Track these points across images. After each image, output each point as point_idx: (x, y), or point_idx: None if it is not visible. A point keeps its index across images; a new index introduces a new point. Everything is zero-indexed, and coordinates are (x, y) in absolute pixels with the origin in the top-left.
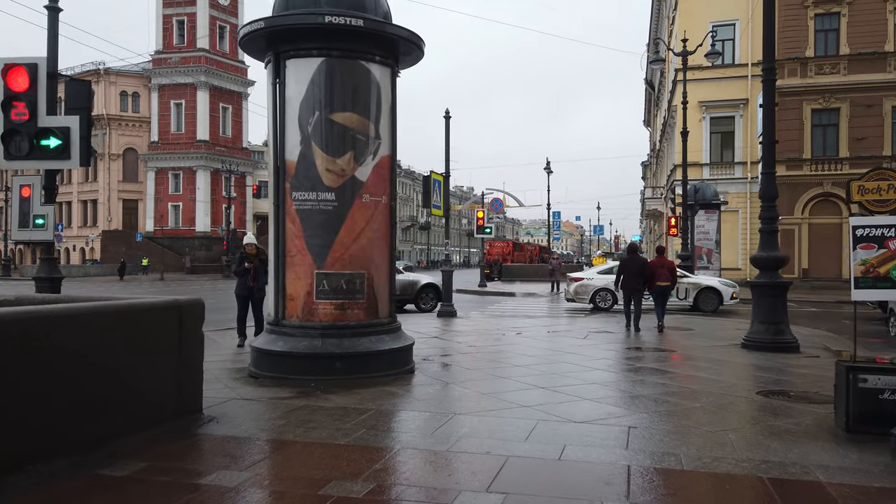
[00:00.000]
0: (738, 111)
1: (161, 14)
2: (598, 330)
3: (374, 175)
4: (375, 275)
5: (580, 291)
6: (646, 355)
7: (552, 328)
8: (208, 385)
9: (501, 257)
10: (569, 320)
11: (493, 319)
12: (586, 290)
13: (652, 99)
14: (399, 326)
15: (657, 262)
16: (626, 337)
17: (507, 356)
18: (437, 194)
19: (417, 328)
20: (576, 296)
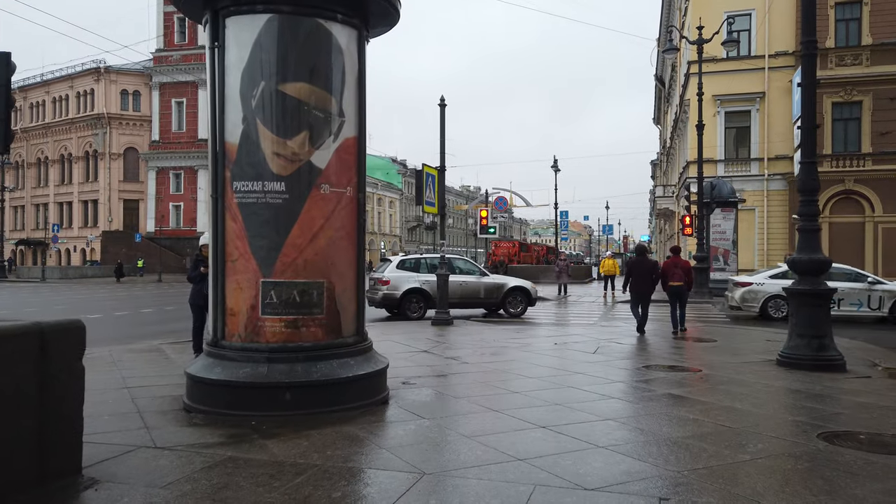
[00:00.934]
0: (753, 105)
1: (162, 12)
2: (610, 340)
3: (335, 161)
4: (338, 284)
5: (748, 298)
6: (667, 377)
7: (558, 338)
8: (122, 423)
9: (507, 258)
10: (576, 329)
11: (492, 328)
12: (755, 297)
13: (662, 95)
14: (369, 347)
15: (671, 262)
16: (640, 349)
17: (505, 378)
18: (431, 190)
19: (405, 340)
20: (742, 303)
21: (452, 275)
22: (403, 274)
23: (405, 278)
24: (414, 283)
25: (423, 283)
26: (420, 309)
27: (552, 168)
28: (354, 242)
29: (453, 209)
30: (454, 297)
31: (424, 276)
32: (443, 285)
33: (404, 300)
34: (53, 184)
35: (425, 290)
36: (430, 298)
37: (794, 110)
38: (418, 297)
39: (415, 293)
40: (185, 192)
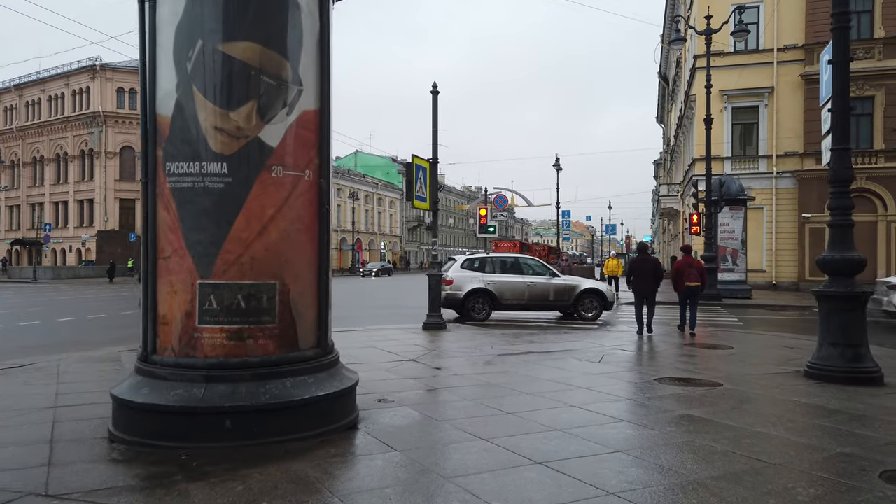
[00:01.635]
0: (762, 100)
1: None
2: (613, 347)
3: (291, 138)
4: (294, 286)
5: None
6: (684, 393)
7: (558, 345)
8: (24, 457)
9: None
10: (577, 335)
11: (488, 333)
12: None
13: (666, 93)
14: (334, 360)
15: (684, 262)
16: (649, 357)
17: (499, 394)
18: (422, 184)
19: (391, 347)
20: None
21: (519, 275)
22: (467, 274)
23: (469, 278)
24: (478, 284)
25: (489, 283)
26: (484, 310)
27: (554, 166)
28: (315, 237)
29: (454, 209)
30: (521, 300)
31: (490, 276)
32: (435, 286)
33: (468, 301)
34: (49, 183)
35: (490, 290)
36: (496, 299)
37: (823, 92)
38: (483, 297)
39: (479, 294)
40: None
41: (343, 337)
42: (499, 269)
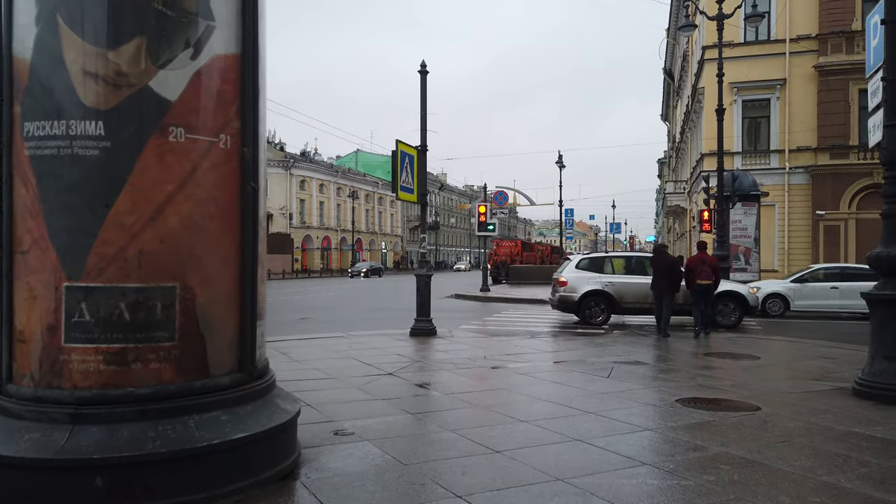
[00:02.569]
0: (773, 93)
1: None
2: (624, 360)
3: (198, 91)
4: (202, 291)
5: None
6: (715, 420)
7: (561, 355)
8: None
9: (509, 258)
10: (583, 342)
11: (484, 340)
12: None
13: (671, 90)
14: (265, 387)
15: (698, 259)
16: (665, 370)
17: (487, 422)
18: (409, 173)
19: (368, 357)
20: None
21: (643, 276)
22: (583, 274)
23: (585, 279)
24: (595, 285)
25: (607, 284)
26: (602, 313)
27: (556, 164)
28: (236, 225)
29: (456, 208)
30: (644, 303)
31: (608, 277)
32: (423, 287)
33: (584, 303)
34: None
35: (609, 292)
36: (615, 302)
37: (871, 60)
38: (600, 300)
39: (596, 296)
40: None
41: (317, 345)
42: (619, 269)
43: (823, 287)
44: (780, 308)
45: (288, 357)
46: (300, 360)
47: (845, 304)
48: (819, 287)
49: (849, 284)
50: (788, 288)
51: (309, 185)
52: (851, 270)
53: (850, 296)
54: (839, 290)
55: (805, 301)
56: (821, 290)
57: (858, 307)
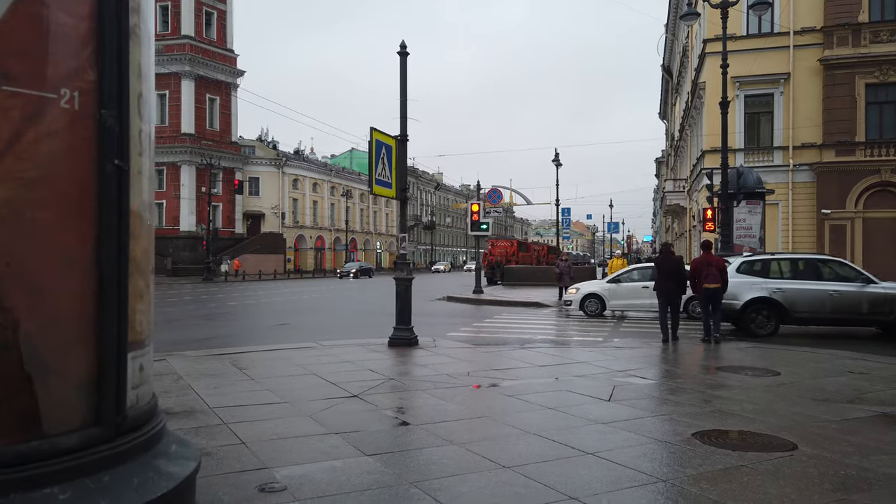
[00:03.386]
0: (777, 87)
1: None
2: (626, 375)
3: (22, 21)
4: (31, 313)
5: None
6: (743, 464)
7: (556, 370)
8: None
9: (505, 258)
10: (579, 353)
11: (470, 352)
12: None
13: (670, 87)
14: (143, 442)
15: (703, 260)
16: (674, 389)
17: (460, 467)
18: (386, 165)
19: (334, 374)
20: None
21: (817, 281)
22: (746, 279)
23: (748, 285)
24: (760, 292)
25: (775, 291)
26: (769, 325)
27: (553, 162)
28: (89, 216)
29: (452, 208)
30: (820, 312)
31: (776, 283)
32: (403, 292)
33: (746, 312)
34: None
35: (777, 300)
36: (784, 311)
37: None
38: (767, 309)
39: (762, 304)
40: (168, 189)
41: (282, 358)
42: (788, 274)
43: (636, 286)
44: (596, 307)
45: (243, 374)
46: (256, 377)
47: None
48: (631, 286)
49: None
50: (604, 288)
51: (302, 184)
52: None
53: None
54: (649, 289)
55: (619, 300)
56: (633, 289)
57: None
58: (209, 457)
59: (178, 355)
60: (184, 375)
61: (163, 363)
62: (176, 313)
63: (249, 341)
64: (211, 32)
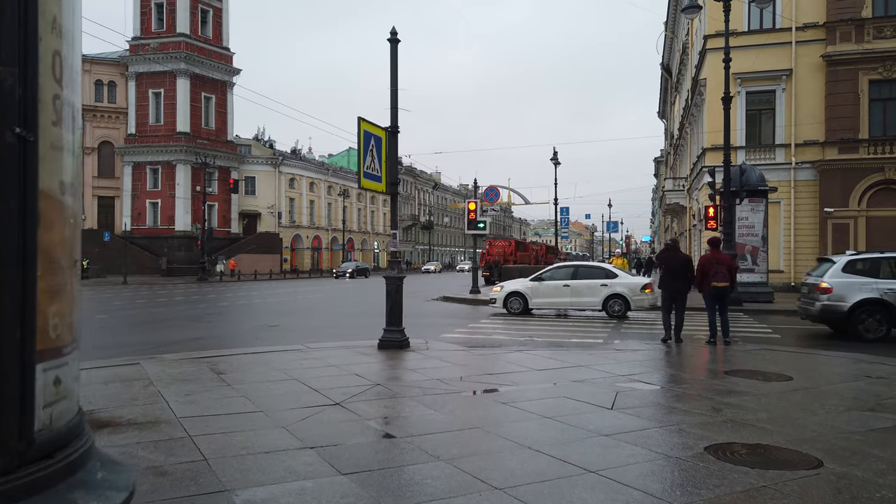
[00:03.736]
0: (779, 84)
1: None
2: (630, 379)
3: None
4: None
5: None
6: (766, 485)
7: (554, 374)
8: None
9: (503, 258)
10: (579, 355)
11: (464, 354)
12: None
13: (669, 86)
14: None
15: (711, 258)
16: (680, 396)
17: (449, 492)
18: (376, 158)
19: (317, 380)
20: None
21: None
22: (853, 280)
23: (856, 286)
24: (870, 293)
25: (886, 292)
26: (880, 328)
27: (552, 160)
28: None
29: (450, 207)
30: None
31: (888, 284)
32: (394, 292)
33: (854, 315)
34: None
35: (889, 301)
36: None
37: None
38: (878, 311)
39: (872, 306)
40: (163, 188)
41: (265, 362)
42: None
43: (557, 285)
44: (520, 305)
45: (220, 379)
46: (234, 383)
47: (574, 300)
48: (553, 285)
49: (578, 282)
50: (527, 286)
51: (299, 183)
52: (584, 268)
53: (580, 293)
54: (570, 287)
55: (541, 299)
56: (554, 287)
57: (586, 304)
58: (163, 477)
59: (155, 359)
60: (155, 381)
61: (135, 368)
62: (163, 314)
63: (234, 344)
64: (207, 30)
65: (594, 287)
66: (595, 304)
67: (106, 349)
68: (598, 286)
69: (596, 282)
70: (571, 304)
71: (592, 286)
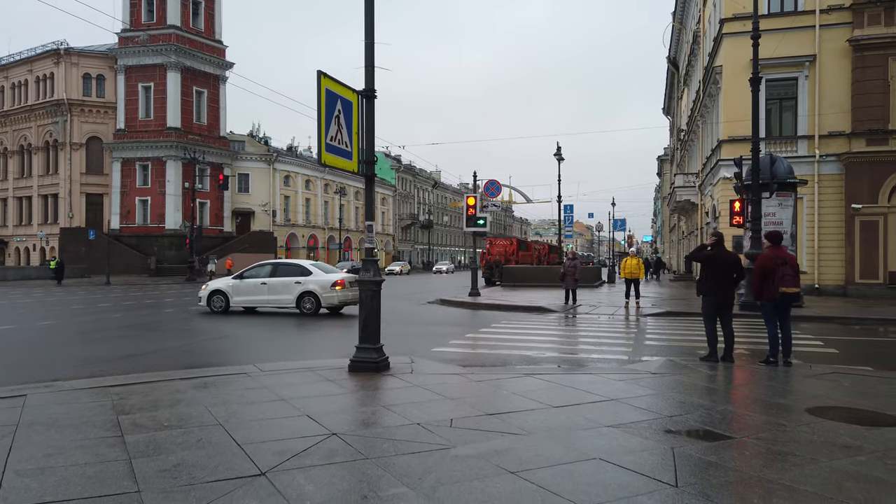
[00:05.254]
0: (801, 71)
1: None
2: (687, 421)
3: None
4: None
5: None
6: None
7: (583, 415)
8: None
9: (504, 257)
10: (610, 382)
11: (458, 380)
12: None
13: (675, 80)
14: None
15: (772, 256)
16: (770, 456)
17: None
18: (343, 128)
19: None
20: None
21: None
22: None
23: None
24: None
25: None
26: None
27: (555, 156)
28: None
29: (449, 206)
30: None
31: None
32: (368, 299)
33: None
34: (13, 177)
35: None
36: None
37: None
38: None
39: None
40: (153, 185)
41: (186, 396)
42: None
43: (255, 283)
44: (222, 304)
45: (113, 428)
46: (131, 432)
47: (271, 298)
48: (252, 283)
49: (274, 280)
50: (228, 285)
51: (294, 180)
52: (282, 266)
53: (276, 290)
54: (267, 285)
55: (242, 297)
56: (253, 285)
57: (281, 301)
58: None
59: (52, 387)
60: (22, 427)
61: (9, 403)
62: (121, 320)
63: (174, 362)
64: (199, 22)
65: (289, 285)
66: (289, 301)
67: (20, 369)
68: (293, 284)
69: (291, 279)
70: (268, 302)
71: (287, 284)
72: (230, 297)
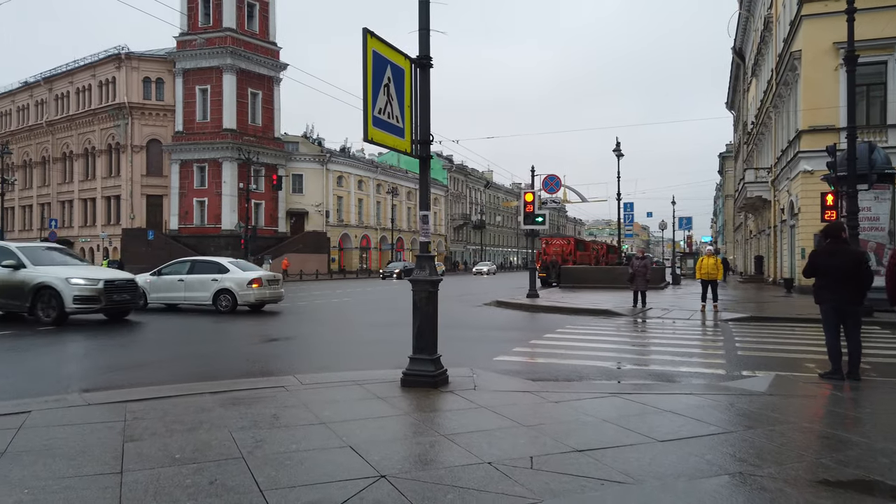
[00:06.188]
0: (891, 54)
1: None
2: (838, 469)
3: None
4: None
5: None
6: None
7: (697, 451)
8: None
9: (561, 258)
10: (724, 410)
11: (529, 400)
12: None
13: (741, 72)
14: None
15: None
16: None
17: None
18: (394, 100)
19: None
20: None
21: None
22: None
23: None
24: None
25: None
26: None
27: (614, 152)
28: None
29: (502, 206)
30: None
31: None
32: (423, 303)
33: None
34: (78, 179)
35: None
36: None
37: None
38: None
39: None
40: (210, 186)
41: (217, 413)
42: None
43: (173, 279)
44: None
45: (113, 459)
46: (131, 469)
47: (188, 295)
48: (169, 280)
49: (191, 277)
50: (146, 281)
51: (347, 181)
52: (200, 263)
53: (192, 287)
54: (184, 282)
55: (159, 293)
56: (171, 282)
57: (198, 299)
58: None
59: (62, 400)
60: (7, 455)
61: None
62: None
63: (209, 371)
64: (253, 25)
65: (206, 282)
66: (206, 298)
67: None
68: (209, 281)
69: (207, 276)
70: (185, 299)
71: (204, 281)
72: (148, 294)
